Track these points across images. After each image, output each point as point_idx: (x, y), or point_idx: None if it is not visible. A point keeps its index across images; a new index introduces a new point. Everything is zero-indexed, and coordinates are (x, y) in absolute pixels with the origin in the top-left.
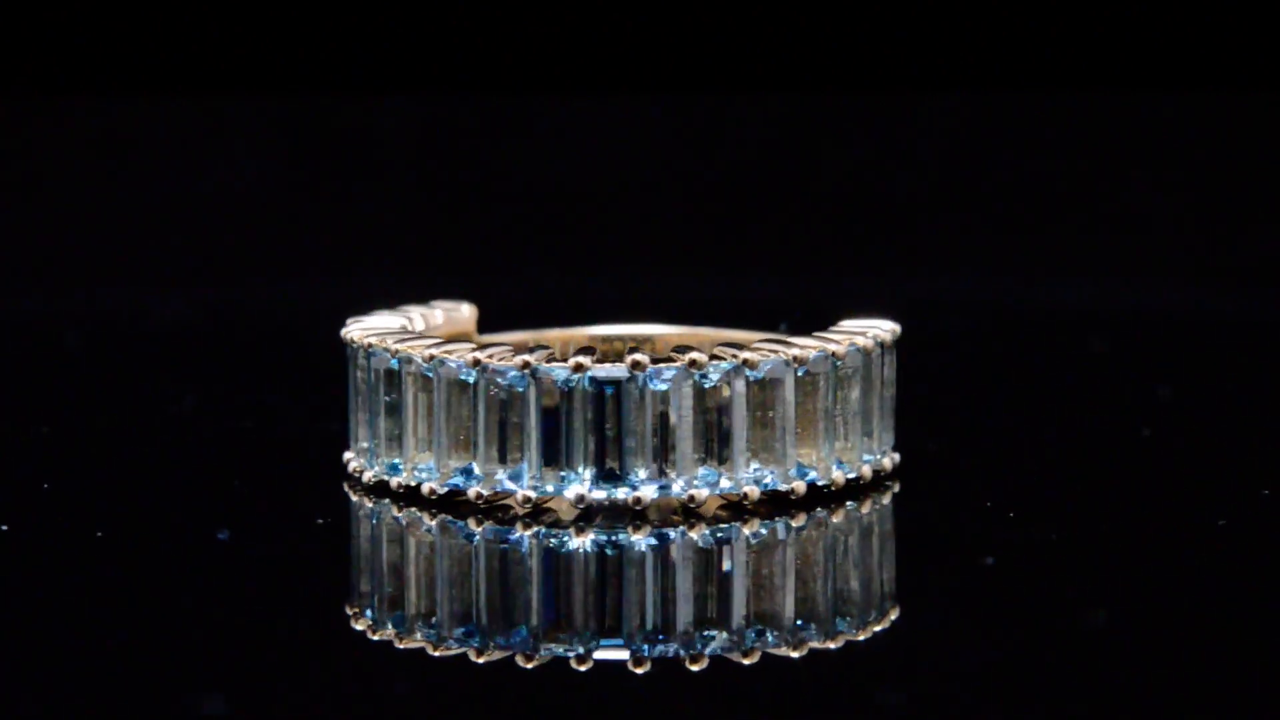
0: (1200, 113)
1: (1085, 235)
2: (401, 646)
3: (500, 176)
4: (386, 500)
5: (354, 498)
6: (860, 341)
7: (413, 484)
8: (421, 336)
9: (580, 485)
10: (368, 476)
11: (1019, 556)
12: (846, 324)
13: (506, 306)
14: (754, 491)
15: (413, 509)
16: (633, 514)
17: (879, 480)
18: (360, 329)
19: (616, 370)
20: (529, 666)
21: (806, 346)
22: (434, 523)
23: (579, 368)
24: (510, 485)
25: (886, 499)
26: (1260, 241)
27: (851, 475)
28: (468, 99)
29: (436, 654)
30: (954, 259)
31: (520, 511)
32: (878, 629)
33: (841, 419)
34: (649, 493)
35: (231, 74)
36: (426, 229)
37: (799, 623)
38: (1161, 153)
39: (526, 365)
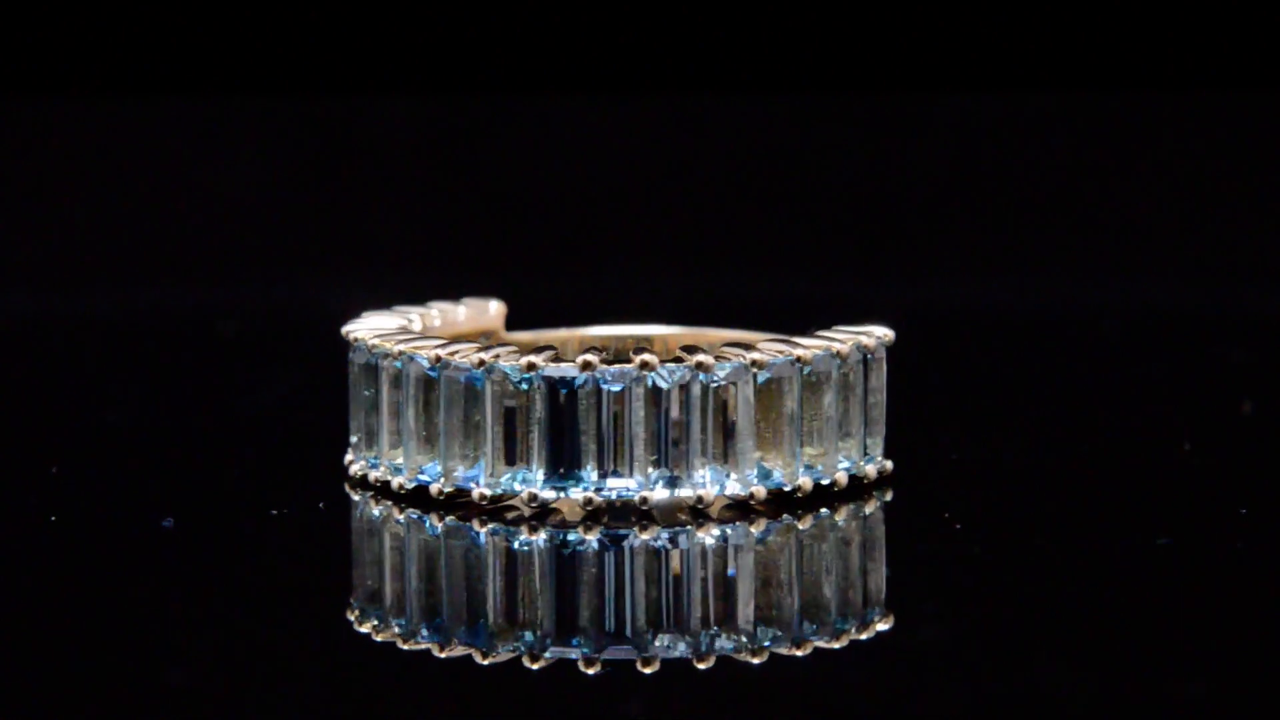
0: (1200, 113)
1: (1083, 236)
2: (379, 639)
3: (504, 177)
4: (368, 494)
5: (347, 491)
6: (836, 346)
7: (387, 479)
8: (409, 333)
9: (534, 484)
10: (354, 470)
11: (972, 570)
12: (840, 329)
13: (522, 306)
14: (709, 494)
15: (387, 503)
16: (586, 514)
17: (862, 487)
18: (354, 325)
19: (568, 370)
20: (486, 663)
21: (770, 351)
22: (401, 517)
23: (530, 367)
24: (469, 483)
25: (870, 507)
26: (1260, 242)
27: (825, 482)
28: (470, 99)
29: (406, 648)
30: (961, 261)
31: (486, 508)
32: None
33: (816, 425)
34: (601, 493)
35: (231, 74)
36: (437, 229)
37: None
38: (1161, 153)
39: (483, 363)
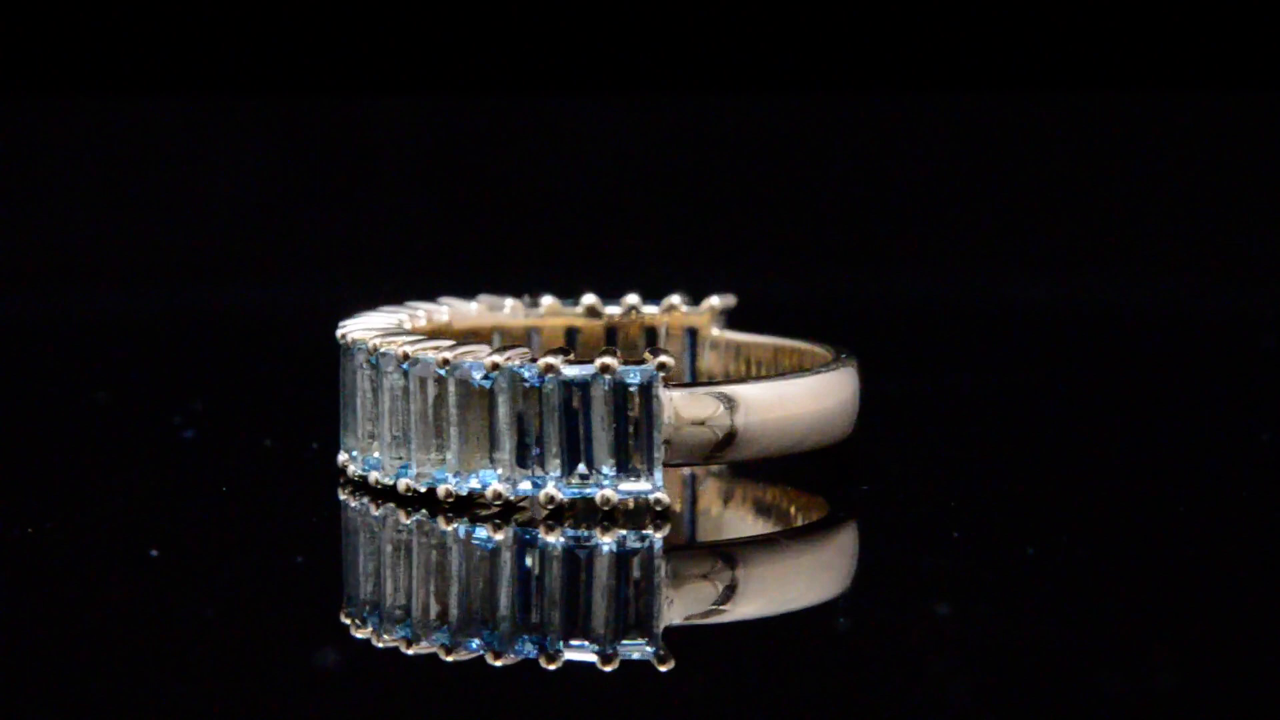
0: (1200, 113)
1: (1083, 236)
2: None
3: (504, 177)
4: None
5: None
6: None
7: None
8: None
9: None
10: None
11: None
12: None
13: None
14: (444, 491)
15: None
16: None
17: (598, 511)
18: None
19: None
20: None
21: (514, 357)
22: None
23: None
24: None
25: (599, 534)
26: (1258, 241)
27: (511, 496)
28: (470, 99)
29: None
30: (959, 261)
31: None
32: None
33: (532, 437)
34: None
35: (231, 74)
36: (437, 229)
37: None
38: (1157, 153)
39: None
